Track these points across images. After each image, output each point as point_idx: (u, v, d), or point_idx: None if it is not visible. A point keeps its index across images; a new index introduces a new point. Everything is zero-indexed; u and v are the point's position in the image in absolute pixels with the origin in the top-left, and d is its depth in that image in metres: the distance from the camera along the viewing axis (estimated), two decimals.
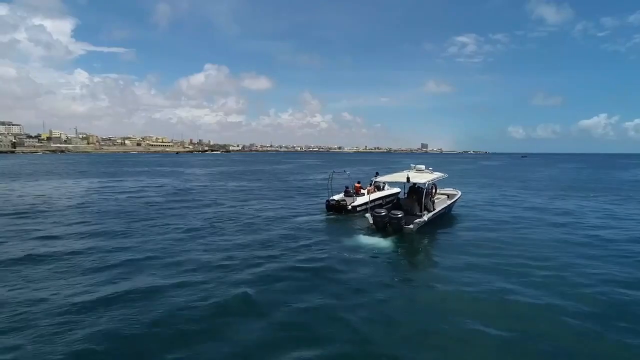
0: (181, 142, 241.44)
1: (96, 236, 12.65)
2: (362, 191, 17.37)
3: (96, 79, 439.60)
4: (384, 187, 18.58)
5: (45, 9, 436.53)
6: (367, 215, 13.70)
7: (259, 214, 17.05)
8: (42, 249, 10.96)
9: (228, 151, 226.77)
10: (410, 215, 13.53)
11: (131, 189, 27.75)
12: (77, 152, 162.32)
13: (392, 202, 16.83)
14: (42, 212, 17.21)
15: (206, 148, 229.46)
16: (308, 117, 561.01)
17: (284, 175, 44.16)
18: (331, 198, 16.77)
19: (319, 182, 35.30)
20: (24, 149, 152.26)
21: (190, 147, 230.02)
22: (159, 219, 15.85)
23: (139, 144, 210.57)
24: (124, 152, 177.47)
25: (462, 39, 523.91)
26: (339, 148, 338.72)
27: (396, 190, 18.50)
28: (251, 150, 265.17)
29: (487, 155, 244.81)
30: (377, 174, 18.24)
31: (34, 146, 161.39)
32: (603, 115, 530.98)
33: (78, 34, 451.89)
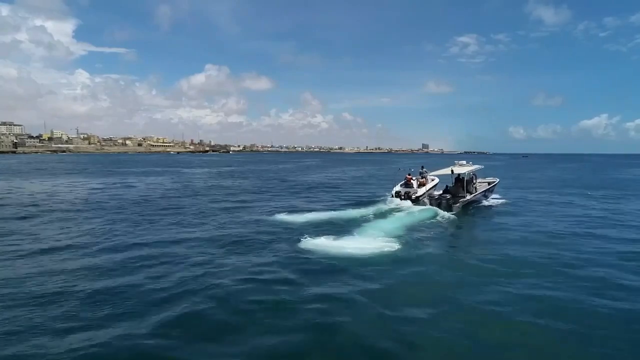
0: (182, 142, 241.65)
1: (88, 233, 12.64)
2: (412, 181, 19.77)
3: (97, 80, 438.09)
4: (426, 177, 20.84)
5: (46, 10, 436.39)
6: (425, 199, 17.98)
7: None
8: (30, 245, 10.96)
9: (228, 151, 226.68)
10: (457, 197, 17.98)
11: (134, 188, 27.75)
12: (79, 152, 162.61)
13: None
14: (39, 209, 17.21)
15: (207, 148, 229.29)
16: (309, 118, 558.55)
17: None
18: (397, 190, 19.06)
19: (329, 181, 35.25)
20: (25, 149, 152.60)
21: (191, 147, 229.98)
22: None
23: (140, 144, 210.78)
24: (125, 152, 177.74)
25: (463, 39, 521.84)
26: (340, 148, 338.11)
27: (437, 180, 21.32)
28: (252, 151, 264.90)
29: (488, 156, 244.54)
30: (422, 167, 21.65)
31: (35, 146, 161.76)
32: (604, 116, 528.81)
33: (79, 34, 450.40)
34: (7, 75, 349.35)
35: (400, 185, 19.42)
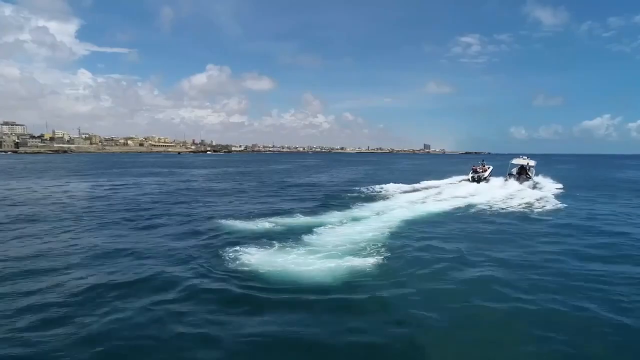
0: (183, 142, 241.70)
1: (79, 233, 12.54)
2: (477, 169, 30.82)
3: (99, 80, 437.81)
4: (484, 166, 32.00)
5: (49, 11, 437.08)
6: (508, 178, 29.41)
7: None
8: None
9: (230, 151, 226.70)
10: (527, 176, 30.24)
11: (135, 188, 27.68)
12: (80, 152, 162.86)
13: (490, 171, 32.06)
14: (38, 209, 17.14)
15: (209, 148, 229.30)
16: (310, 118, 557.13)
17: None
18: (471, 175, 30.18)
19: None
20: (27, 149, 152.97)
21: (193, 147, 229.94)
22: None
23: (141, 144, 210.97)
24: (126, 152, 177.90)
25: (466, 39, 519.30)
26: (342, 148, 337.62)
27: (492, 167, 32.55)
28: (253, 151, 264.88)
29: (489, 156, 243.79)
30: (483, 160, 33.64)
31: (37, 146, 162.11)
32: (606, 116, 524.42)
33: (82, 34, 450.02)
34: (10, 75, 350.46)
35: (471, 173, 30.62)
